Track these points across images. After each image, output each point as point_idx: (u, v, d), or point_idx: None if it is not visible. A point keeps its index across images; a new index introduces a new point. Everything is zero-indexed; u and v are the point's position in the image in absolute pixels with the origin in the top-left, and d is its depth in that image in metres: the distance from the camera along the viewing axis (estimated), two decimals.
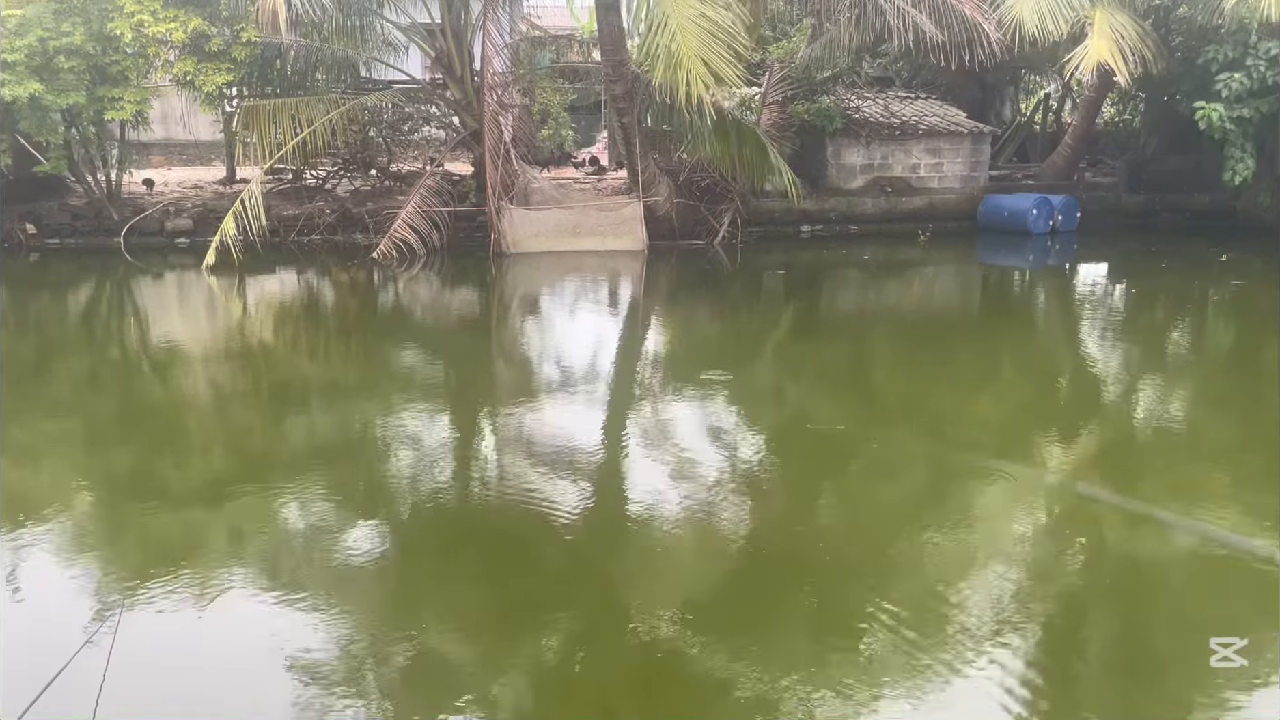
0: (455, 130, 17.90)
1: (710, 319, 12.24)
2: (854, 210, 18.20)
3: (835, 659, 4.59)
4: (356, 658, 4.61)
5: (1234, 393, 9.30)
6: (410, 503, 6.49)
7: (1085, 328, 12.56)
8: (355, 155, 18.15)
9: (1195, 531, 5.90)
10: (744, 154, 15.84)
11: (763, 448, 7.61)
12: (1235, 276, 14.72)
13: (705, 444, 7.50)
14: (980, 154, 18.71)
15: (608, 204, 16.92)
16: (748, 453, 7.45)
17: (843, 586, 5.29)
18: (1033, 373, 9.95)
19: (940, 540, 5.78)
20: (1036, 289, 15.59)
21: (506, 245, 15.83)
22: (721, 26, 12.82)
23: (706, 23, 12.76)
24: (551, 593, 5.33)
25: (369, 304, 13.76)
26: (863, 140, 18.23)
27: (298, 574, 5.41)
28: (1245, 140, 15.59)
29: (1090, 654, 4.75)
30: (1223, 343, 11.92)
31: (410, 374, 10.03)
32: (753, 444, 7.70)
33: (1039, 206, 17.64)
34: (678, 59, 12.54)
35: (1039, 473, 7.09)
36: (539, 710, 4.33)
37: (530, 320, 12.98)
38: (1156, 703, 4.34)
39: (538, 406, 8.60)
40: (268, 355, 10.87)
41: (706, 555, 5.69)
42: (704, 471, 6.88)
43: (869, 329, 12.08)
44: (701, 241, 16.71)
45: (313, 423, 8.24)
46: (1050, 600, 5.12)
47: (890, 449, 7.49)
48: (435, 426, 8.15)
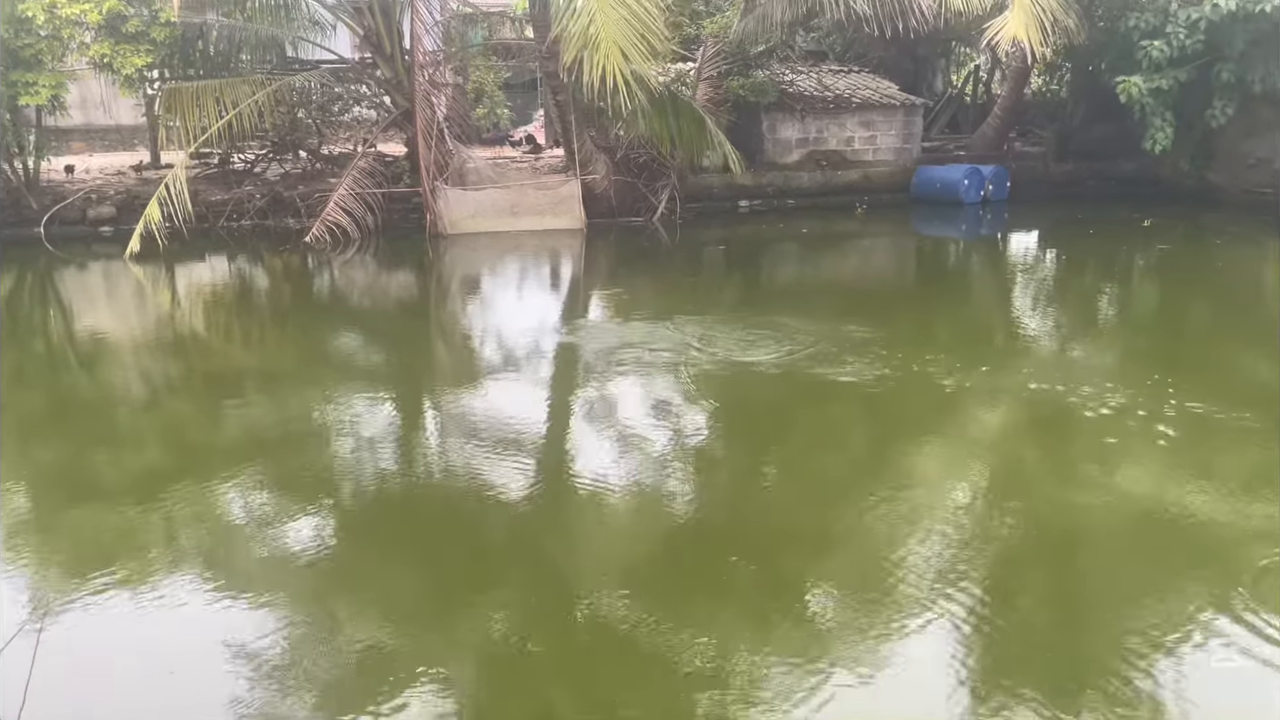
0: (387, 110, 17.58)
1: (652, 295, 12.23)
2: (791, 184, 18.30)
3: (790, 619, 4.66)
4: (301, 646, 4.55)
5: (1162, 349, 9.58)
6: (352, 490, 6.40)
7: (1018, 294, 12.83)
8: (284, 138, 17.72)
9: (1115, 491, 6.08)
10: (682, 129, 15.80)
11: (706, 420, 7.64)
12: (1159, 241, 15.13)
13: (649, 419, 7.50)
14: (913, 126, 18.92)
15: (545, 183, 16.79)
16: (691, 426, 7.47)
17: (783, 551, 5.36)
18: (967, 336, 10.12)
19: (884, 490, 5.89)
20: (970, 258, 15.87)
21: (443, 226, 15.63)
22: (637, 15, 12.65)
23: (623, 9, 12.58)
24: (497, 572, 5.31)
25: (304, 289, 13.51)
26: (798, 114, 18.31)
27: (238, 565, 5.32)
28: (1164, 109, 15.99)
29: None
30: (1149, 303, 12.27)
31: (349, 360, 9.88)
32: (696, 417, 7.72)
33: (970, 177, 17.91)
34: (594, 42, 12.37)
35: (967, 433, 7.24)
36: (489, 689, 4.32)
37: (470, 302, 12.87)
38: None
39: (479, 388, 8.53)
40: (200, 345, 10.62)
41: (651, 527, 5.71)
42: (647, 446, 6.89)
43: (810, 300, 12.18)
44: (640, 219, 16.67)
45: (249, 413, 8.07)
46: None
47: (837, 419, 7.58)
48: (376, 412, 8.04)
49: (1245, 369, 9.12)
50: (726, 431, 7.37)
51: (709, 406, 7.93)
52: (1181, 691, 4.13)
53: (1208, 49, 15.51)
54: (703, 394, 8.09)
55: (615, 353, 9.20)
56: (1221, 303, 11.75)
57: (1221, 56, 15.58)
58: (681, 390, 8.16)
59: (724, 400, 7.98)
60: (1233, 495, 5.92)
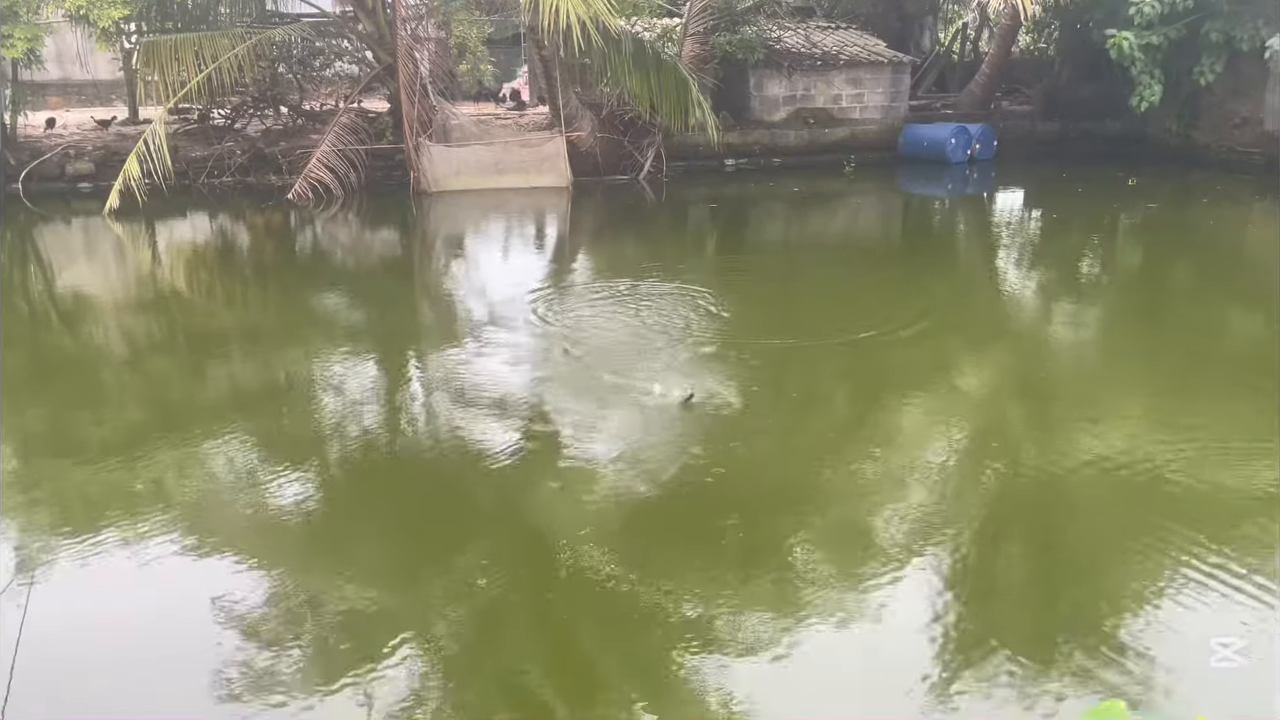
0: (369, 66, 17.34)
1: (639, 255, 12.19)
2: (777, 142, 18.19)
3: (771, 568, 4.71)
4: (287, 605, 4.57)
5: (1149, 307, 9.64)
6: (334, 448, 6.40)
7: (1005, 252, 12.84)
8: (264, 93, 17.48)
9: (1098, 447, 6.14)
10: (664, 89, 15.64)
11: (692, 376, 7.64)
12: (1146, 200, 15.15)
13: (632, 379, 7.50)
14: (900, 84, 18.79)
15: (530, 140, 16.64)
16: (675, 381, 7.47)
17: (772, 509, 5.41)
18: (954, 294, 10.14)
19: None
20: (957, 217, 15.86)
21: (427, 184, 15.49)
22: None
23: None
24: (479, 529, 5.34)
25: (286, 247, 13.40)
26: (785, 71, 18.15)
27: (223, 523, 5.32)
28: (1153, 67, 15.93)
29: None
30: (1137, 262, 12.32)
31: (331, 318, 9.83)
32: (682, 372, 7.72)
33: (957, 136, 17.85)
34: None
35: (950, 389, 7.29)
36: (469, 646, 4.36)
37: (453, 261, 12.79)
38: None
39: (461, 348, 8.51)
40: (182, 303, 10.54)
41: (633, 483, 5.74)
42: (630, 404, 6.90)
43: (803, 260, 12.17)
44: (626, 177, 16.57)
45: (232, 371, 8.04)
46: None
47: (824, 368, 7.61)
48: (358, 371, 8.02)
49: (1234, 327, 9.19)
50: (717, 391, 7.37)
51: (695, 368, 7.93)
52: (1154, 649, 4.21)
53: (1197, 6, 15.42)
54: (690, 355, 8.09)
55: (598, 313, 9.18)
56: (1210, 262, 11.80)
57: (1210, 14, 15.50)
58: (664, 351, 8.15)
59: (713, 360, 7.98)
60: (1220, 452, 5.99)
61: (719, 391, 7.09)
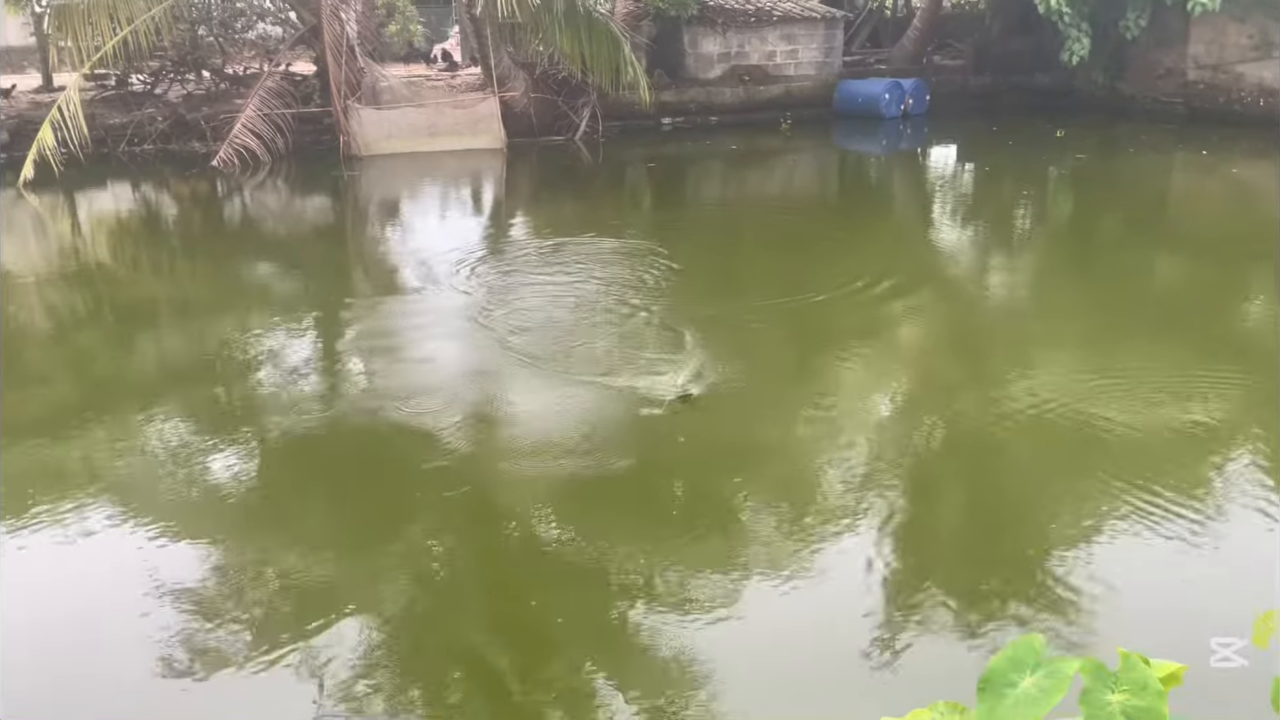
0: (293, 27, 16.83)
1: (577, 217, 12.09)
2: (714, 100, 18.11)
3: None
4: (228, 578, 4.49)
5: (1079, 255, 9.83)
6: (272, 420, 6.27)
7: (940, 206, 13.00)
8: (185, 56, 16.87)
9: (1031, 395, 6.27)
10: (596, 48, 15.43)
11: (628, 334, 7.62)
12: (1074, 151, 15.41)
13: (571, 341, 7.45)
14: (834, 40, 18.80)
15: (463, 101, 16.34)
16: (611, 342, 7.44)
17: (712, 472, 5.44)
18: (891, 248, 10.24)
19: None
20: (894, 172, 15.99)
21: (357, 148, 15.15)
22: None
23: None
24: (422, 498, 5.28)
25: (214, 216, 13.04)
26: (719, 28, 18.04)
27: (161, 500, 5.19)
28: (1081, 20, 16.16)
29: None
30: (1067, 212, 12.55)
31: (263, 288, 9.60)
32: (619, 332, 7.69)
33: (891, 91, 17.94)
34: None
35: (887, 342, 7.38)
36: (417, 615, 4.32)
37: (387, 226, 12.55)
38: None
39: (397, 315, 8.38)
40: (106, 276, 10.20)
41: (574, 446, 5.72)
42: (568, 367, 6.86)
43: (745, 219, 12.18)
44: (562, 137, 16.37)
45: (163, 344, 7.83)
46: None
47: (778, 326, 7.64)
48: (293, 341, 7.85)
49: (1159, 272, 9.44)
50: (654, 349, 7.35)
51: (634, 329, 7.90)
52: (1090, 587, 4.32)
53: None
54: (626, 316, 8.06)
55: (533, 276, 9.10)
56: (1136, 210, 12.07)
57: None
58: (600, 311, 8.11)
59: (650, 321, 7.96)
60: (1146, 397, 6.15)
61: (646, 349, 7.08)
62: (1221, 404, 6.05)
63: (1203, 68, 16.89)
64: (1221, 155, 14.53)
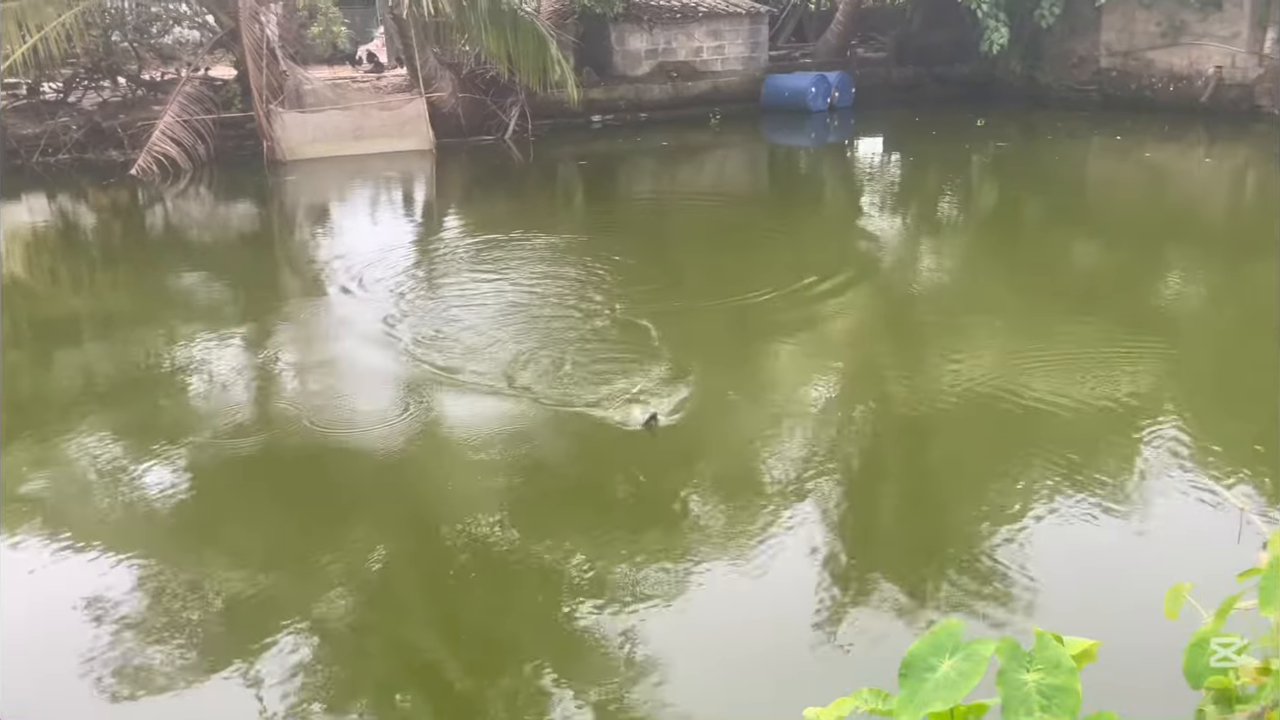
0: (211, 30, 16.46)
1: (510, 216, 12.01)
2: (642, 97, 18.14)
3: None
4: (161, 596, 4.39)
5: (1002, 241, 10.06)
6: (201, 433, 6.13)
7: (869, 197, 13.19)
8: (99, 63, 16.39)
9: (962, 379, 6.40)
10: (523, 47, 15.34)
11: (561, 334, 7.61)
12: (995, 139, 15.76)
13: (504, 344, 7.40)
14: (759, 35, 18.95)
15: (389, 103, 16.13)
16: (541, 341, 7.41)
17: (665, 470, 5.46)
18: (824, 238, 10.37)
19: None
20: (823, 165, 16.19)
21: (282, 153, 14.87)
22: None
23: None
24: (359, 507, 5.22)
25: (135, 226, 12.71)
26: (645, 25, 18.06)
27: (89, 519, 5.06)
28: (999, 11, 16.53)
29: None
30: (988, 199, 12.83)
31: (187, 299, 9.38)
32: (549, 332, 7.67)
33: (817, 85, 18.14)
34: None
35: (819, 332, 7.49)
36: (360, 627, 4.28)
37: (314, 232, 12.35)
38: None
39: (325, 322, 8.26)
40: (24, 291, 9.87)
41: (511, 449, 5.70)
42: (502, 370, 6.81)
43: (679, 216, 12.22)
44: (491, 137, 16.26)
45: (86, 360, 7.61)
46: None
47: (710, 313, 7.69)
48: (220, 352, 7.67)
49: (1078, 255, 9.70)
50: (590, 349, 7.35)
51: (561, 327, 7.89)
52: (1022, 566, 4.44)
53: None
54: (578, 321, 8.04)
55: (463, 279, 9.04)
56: (1055, 195, 12.38)
57: None
58: (531, 314, 8.09)
59: (579, 319, 7.95)
60: (1071, 377, 6.32)
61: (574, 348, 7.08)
62: (1147, 377, 6.26)
63: (1114, 55, 17.38)
64: (1135, 140, 14.97)
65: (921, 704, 1.14)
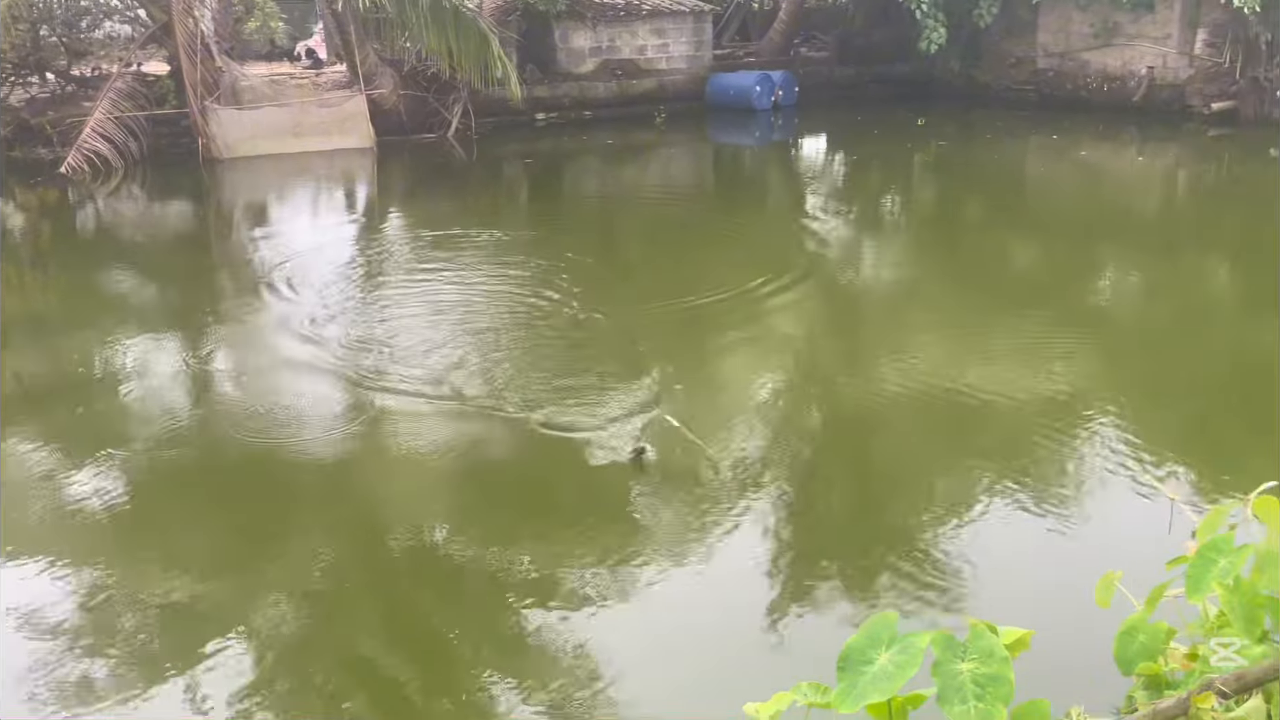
0: (143, 25, 16.06)
1: (452, 215, 11.90)
2: (587, 95, 18.09)
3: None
4: (100, 607, 4.26)
5: (942, 239, 10.21)
6: (139, 438, 5.99)
7: (813, 197, 13.30)
8: (25, 58, 15.91)
9: (909, 375, 6.48)
10: (464, 44, 15.18)
11: (507, 332, 7.56)
12: (935, 138, 15.98)
13: (450, 347, 7.34)
14: (703, 33, 19.01)
15: (328, 100, 15.88)
16: (490, 338, 7.36)
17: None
18: (771, 235, 10.42)
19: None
20: (768, 163, 16.29)
21: (218, 150, 14.56)
22: None
23: None
24: (302, 513, 5.14)
25: (65, 226, 12.37)
26: (589, 23, 18.01)
27: (24, 528, 4.90)
28: (937, 10, 16.78)
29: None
30: (928, 197, 13.02)
31: (119, 302, 9.15)
32: (497, 331, 7.61)
33: (761, 83, 18.24)
34: None
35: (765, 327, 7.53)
36: (307, 634, 4.20)
37: (252, 232, 12.10)
38: None
39: (264, 323, 8.11)
40: None
41: (458, 451, 5.65)
42: (429, 372, 6.75)
43: (626, 212, 12.21)
44: (434, 135, 16.08)
45: (16, 364, 7.38)
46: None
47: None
48: (155, 355, 7.50)
49: (1016, 253, 9.88)
50: (532, 345, 7.31)
51: (507, 321, 7.84)
52: (960, 557, 4.50)
53: None
54: (528, 321, 7.99)
55: (410, 279, 8.94)
56: (994, 194, 12.61)
57: None
58: (469, 314, 8.02)
59: (516, 315, 7.90)
60: (1010, 371, 6.43)
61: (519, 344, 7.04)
62: (1083, 370, 6.39)
63: (1051, 56, 17.73)
64: (1071, 139, 15.28)
65: (860, 696, 1.14)
